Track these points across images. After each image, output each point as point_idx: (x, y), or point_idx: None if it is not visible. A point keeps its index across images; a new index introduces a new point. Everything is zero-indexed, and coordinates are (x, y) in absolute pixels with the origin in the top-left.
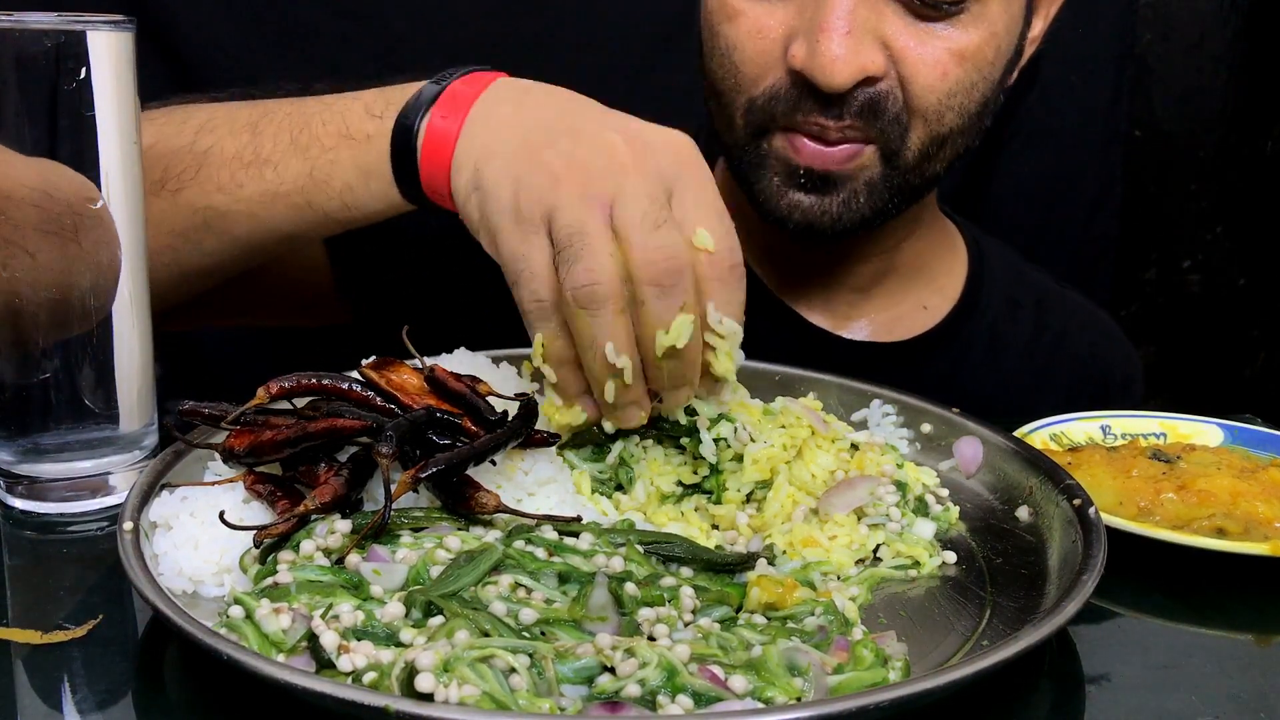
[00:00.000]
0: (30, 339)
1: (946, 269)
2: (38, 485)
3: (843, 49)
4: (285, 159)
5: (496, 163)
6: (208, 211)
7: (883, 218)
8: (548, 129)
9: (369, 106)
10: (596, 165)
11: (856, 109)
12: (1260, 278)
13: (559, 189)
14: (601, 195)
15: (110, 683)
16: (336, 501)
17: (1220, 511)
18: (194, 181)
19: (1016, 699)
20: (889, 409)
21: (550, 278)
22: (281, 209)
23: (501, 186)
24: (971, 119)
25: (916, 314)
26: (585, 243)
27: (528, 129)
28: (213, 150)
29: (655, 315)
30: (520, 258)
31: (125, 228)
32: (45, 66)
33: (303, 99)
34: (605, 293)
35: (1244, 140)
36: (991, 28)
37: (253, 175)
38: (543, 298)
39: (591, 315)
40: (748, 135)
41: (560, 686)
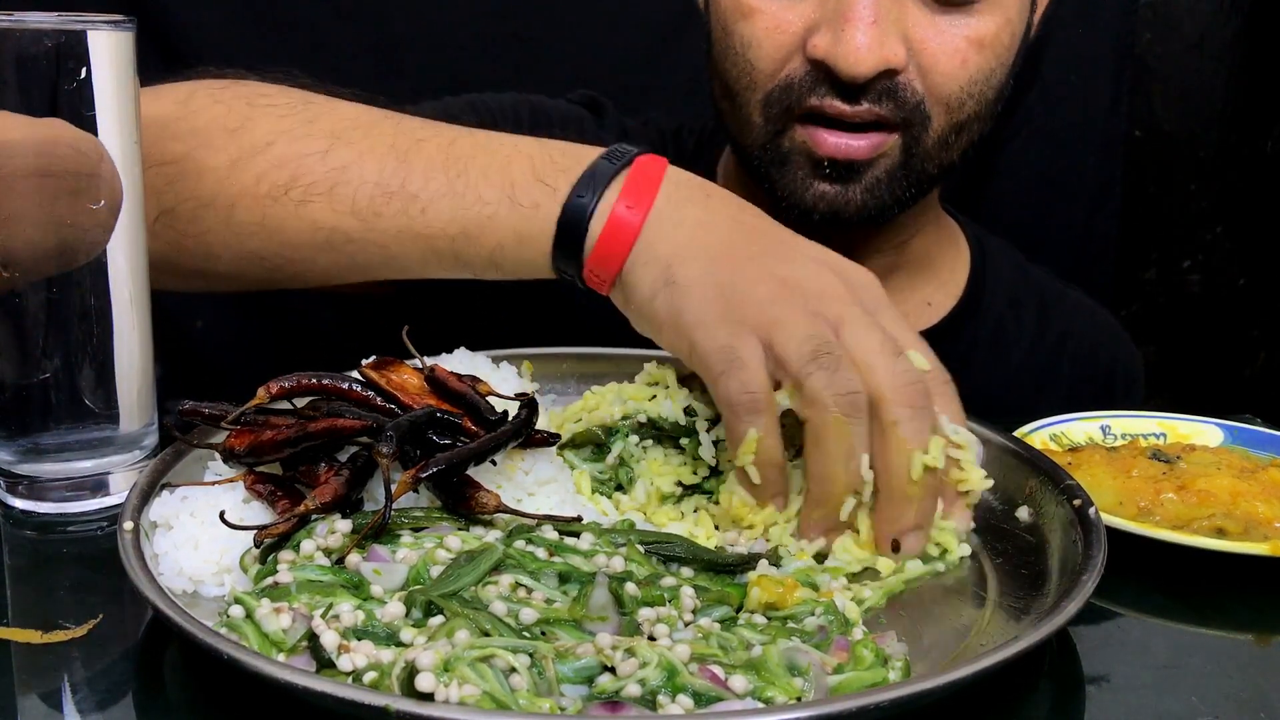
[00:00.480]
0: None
1: (950, 265)
2: (38, 485)
3: (868, 38)
4: (436, 201)
5: (696, 265)
6: (334, 233)
7: (901, 205)
8: (749, 241)
9: (536, 168)
10: (812, 289)
11: (874, 96)
12: (1260, 278)
13: (783, 304)
14: (830, 317)
15: (110, 683)
16: (337, 501)
17: (1220, 511)
18: (324, 197)
19: (1016, 699)
20: None
21: (764, 377)
22: (418, 249)
23: (705, 287)
24: (989, 105)
25: (920, 310)
26: (838, 356)
27: (727, 237)
28: (351, 169)
29: (912, 435)
30: (731, 350)
31: (125, 227)
32: (45, 66)
33: (452, 132)
34: (864, 403)
35: (1244, 140)
36: (1006, 14)
37: (396, 209)
38: (756, 390)
39: (854, 423)
40: (768, 132)
41: (560, 686)
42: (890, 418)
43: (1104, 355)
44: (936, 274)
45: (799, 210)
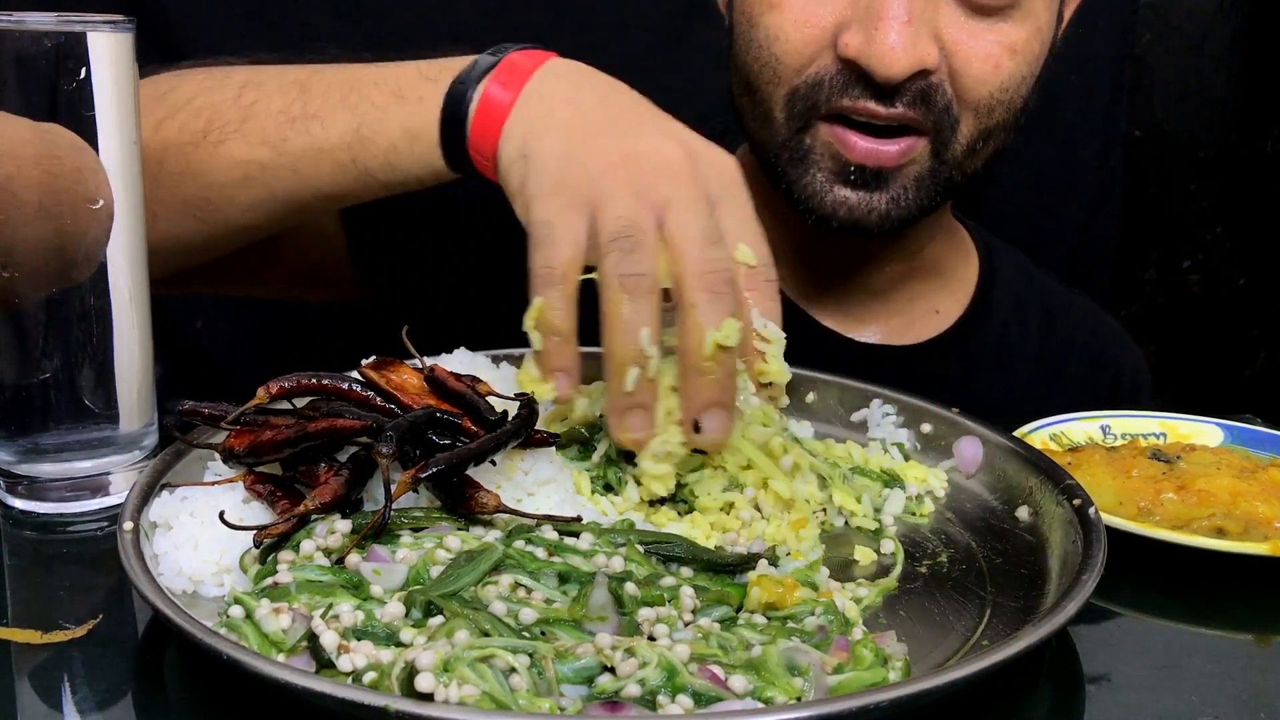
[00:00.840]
0: (24, 291)
1: (960, 272)
2: (38, 485)
3: (901, 39)
4: (333, 115)
5: (549, 137)
6: (249, 165)
7: (924, 214)
8: (606, 115)
9: (423, 71)
10: (653, 165)
11: (908, 99)
12: (1260, 278)
13: (613, 178)
14: (656, 198)
15: (110, 683)
16: (336, 501)
17: (1220, 511)
18: (237, 134)
19: (1016, 699)
20: (889, 409)
21: (570, 252)
22: (325, 165)
23: (549, 158)
24: (1015, 114)
25: (928, 318)
26: (642, 240)
27: (585, 111)
28: (259, 104)
29: (707, 316)
30: (549, 224)
31: (125, 227)
32: (45, 67)
33: (354, 65)
34: (651, 285)
35: (1244, 140)
36: (1037, 22)
37: (299, 130)
38: (554, 265)
39: (633, 300)
40: (790, 129)
41: (560, 686)
42: (689, 300)
43: (1109, 361)
44: (946, 281)
45: (817, 216)
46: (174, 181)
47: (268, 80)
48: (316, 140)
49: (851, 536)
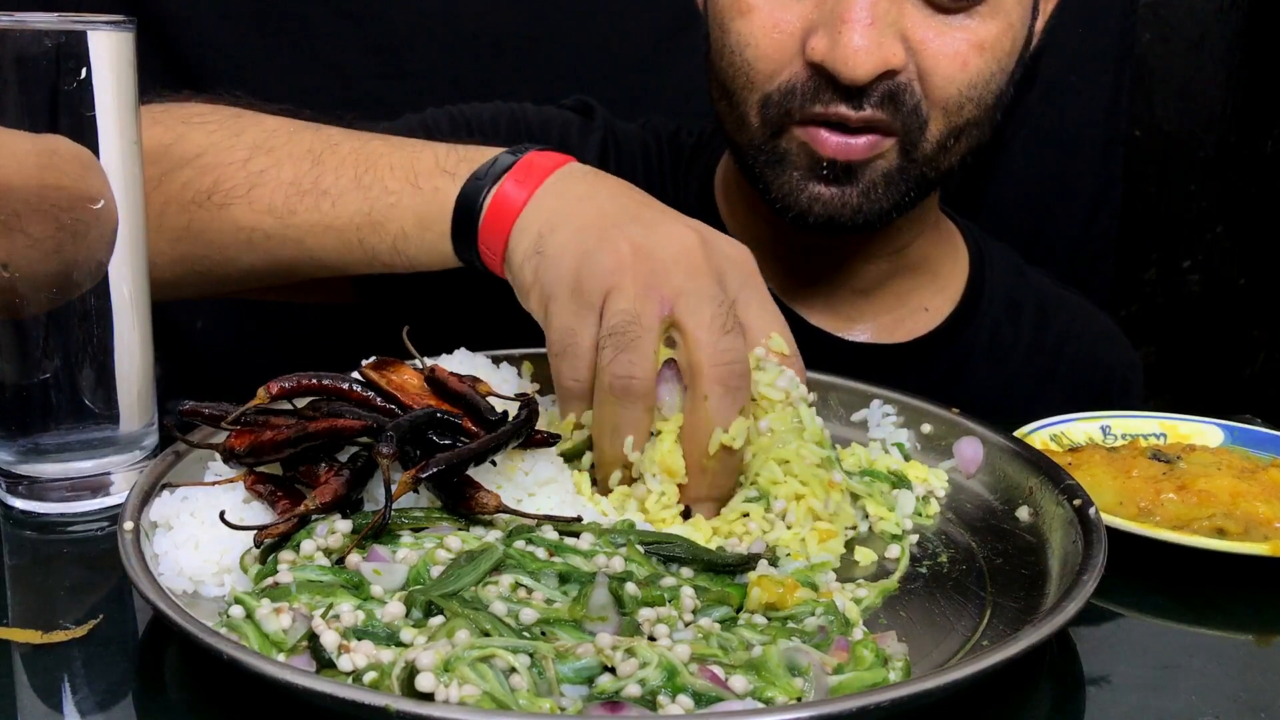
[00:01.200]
0: (27, 307)
1: (949, 270)
2: (38, 485)
3: (865, 41)
4: (345, 195)
5: (564, 233)
6: (254, 233)
7: (899, 210)
8: (621, 211)
9: (440, 160)
10: (666, 256)
11: (876, 99)
12: (1260, 278)
13: (623, 272)
14: (666, 289)
15: (110, 683)
16: (337, 501)
17: (1220, 512)
18: (243, 200)
19: (1016, 699)
20: (889, 409)
21: (592, 360)
22: (331, 242)
23: (565, 256)
24: (988, 111)
25: (918, 315)
26: (635, 335)
27: (600, 207)
28: (268, 172)
29: (717, 412)
30: (570, 332)
31: (125, 227)
32: (45, 66)
33: (367, 135)
34: (641, 389)
35: (1244, 140)
36: (1008, 18)
37: (308, 205)
38: (581, 379)
39: (622, 406)
40: (764, 133)
41: (560, 686)
42: (702, 391)
43: (1101, 359)
44: (935, 278)
45: (794, 213)
46: (173, 236)
47: (279, 146)
48: (325, 217)
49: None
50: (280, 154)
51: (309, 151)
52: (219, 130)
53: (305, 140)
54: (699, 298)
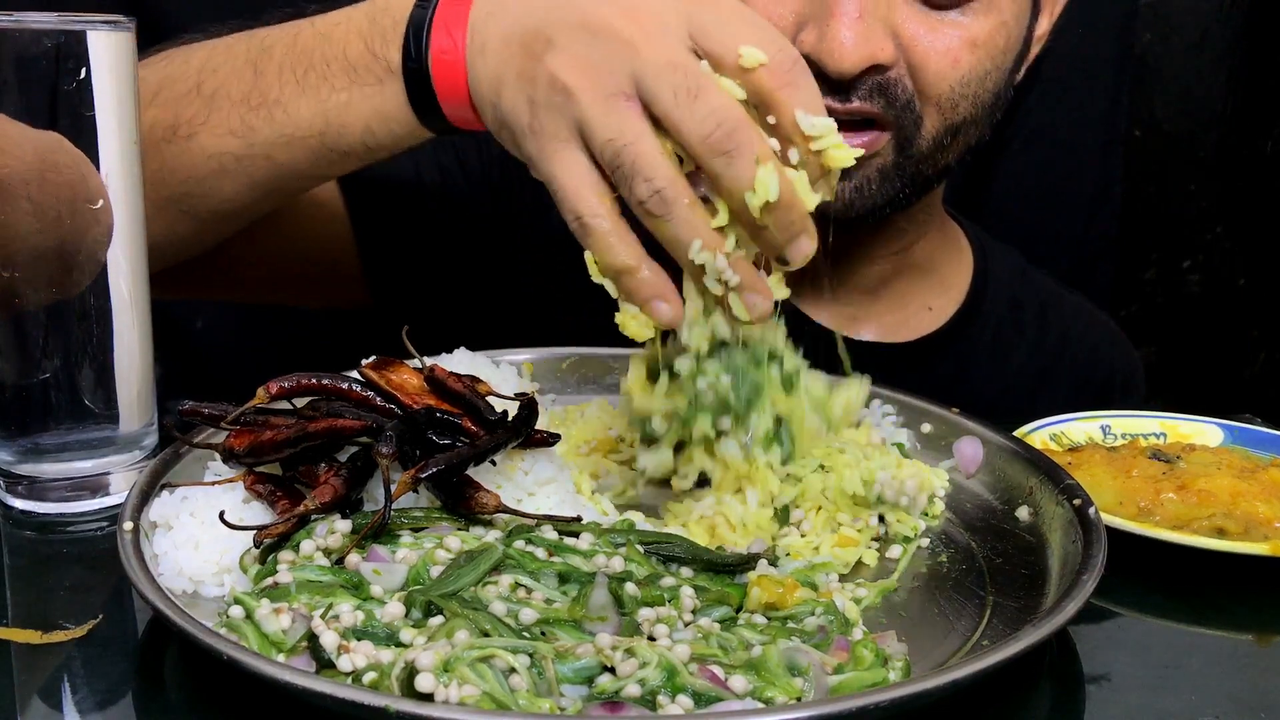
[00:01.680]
0: (26, 304)
1: (953, 270)
2: (38, 485)
3: (853, 34)
4: (294, 101)
5: (508, 90)
6: (223, 157)
7: (894, 206)
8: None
9: (370, 44)
10: (601, 54)
11: (864, 92)
12: (1260, 278)
13: (577, 100)
14: (622, 86)
15: (110, 683)
16: (336, 501)
17: (1220, 511)
18: (205, 127)
19: (1016, 699)
20: (889, 409)
21: (587, 193)
22: (299, 151)
23: (518, 113)
24: (985, 109)
25: (922, 315)
26: (632, 153)
27: (525, 35)
28: (219, 93)
29: (735, 180)
30: (552, 178)
31: (124, 226)
32: (45, 66)
33: (296, 28)
34: (672, 193)
35: (1244, 140)
36: (1001, 16)
37: (264, 118)
38: (580, 213)
39: (668, 220)
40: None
41: (560, 686)
42: (709, 171)
43: (1103, 360)
44: (939, 278)
45: None
46: (154, 179)
47: (221, 63)
48: (285, 129)
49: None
50: (224, 71)
51: (248, 62)
52: (169, 63)
53: (241, 51)
54: (651, 72)
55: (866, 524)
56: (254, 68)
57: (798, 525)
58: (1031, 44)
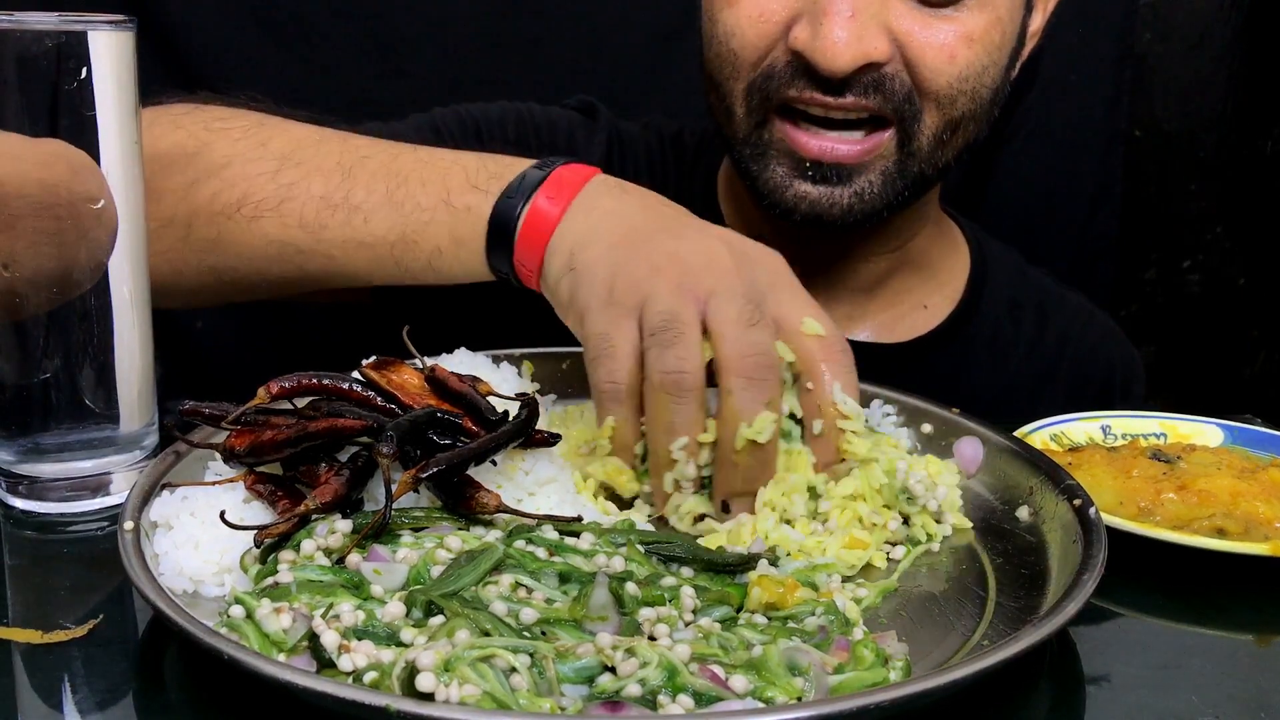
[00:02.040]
0: (27, 307)
1: (949, 268)
2: (38, 485)
3: (846, 33)
4: (378, 211)
5: (596, 248)
6: (284, 246)
7: (892, 209)
8: (651, 225)
9: (471, 176)
10: (696, 263)
11: (859, 90)
12: (1260, 278)
13: (657, 279)
14: (698, 290)
15: (110, 683)
16: (337, 501)
17: (1220, 511)
18: (274, 213)
19: (1016, 699)
20: (889, 409)
21: (630, 363)
22: (363, 257)
23: (598, 269)
24: (983, 105)
25: (918, 314)
26: (679, 331)
27: (631, 222)
28: (298, 185)
29: (741, 406)
30: (606, 338)
31: (125, 227)
32: (45, 66)
33: (396, 148)
34: (692, 382)
35: (1244, 140)
36: (996, 11)
37: (339, 220)
38: (619, 381)
39: (675, 402)
40: (749, 124)
41: (561, 686)
42: (726, 386)
43: (1102, 359)
44: (935, 276)
45: (780, 209)
46: (203, 247)
47: (307, 158)
48: (358, 234)
49: None
50: (309, 166)
51: (338, 165)
52: (244, 139)
53: (333, 152)
54: (727, 296)
55: (885, 525)
56: (344, 171)
57: (824, 520)
58: (1026, 40)
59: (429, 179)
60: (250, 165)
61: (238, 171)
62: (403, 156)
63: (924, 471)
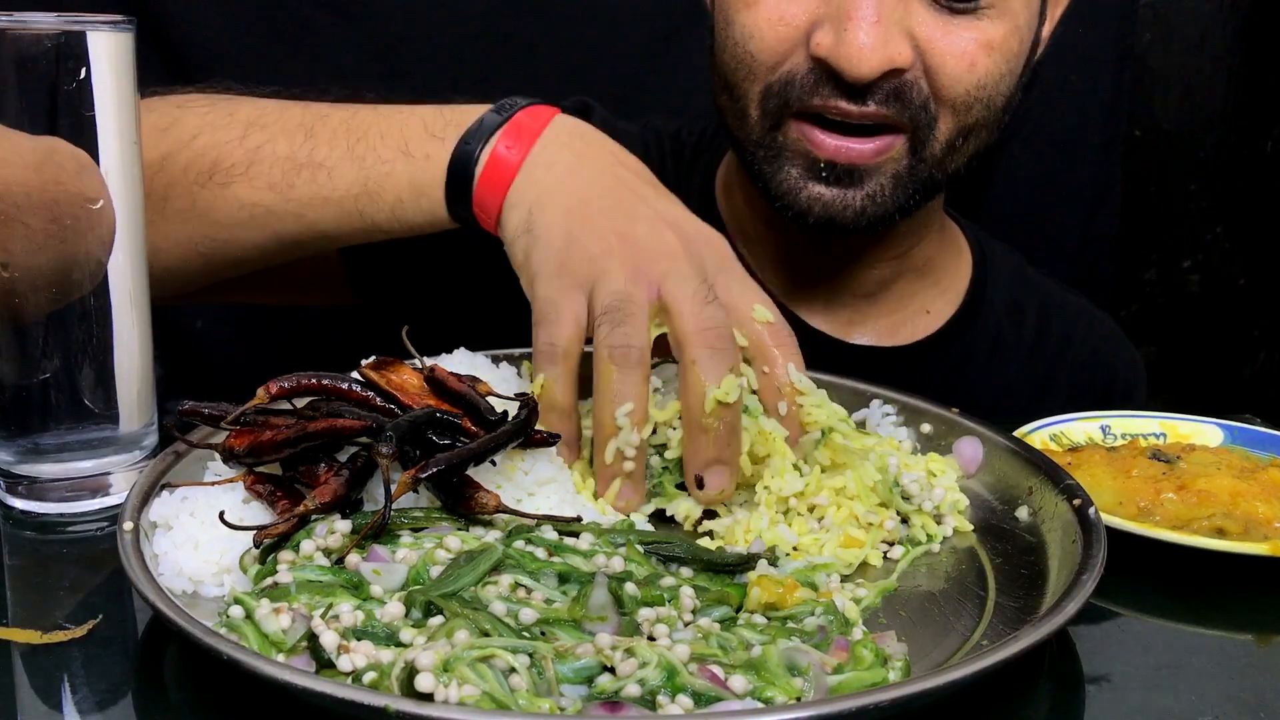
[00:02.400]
0: (27, 307)
1: (951, 272)
2: (38, 485)
3: (871, 38)
4: (340, 165)
5: (552, 213)
6: (255, 208)
7: (903, 213)
8: (606, 194)
9: (429, 125)
10: (648, 246)
11: (881, 97)
12: (1260, 278)
13: (610, 259)
14: (652, 275)
15: (110, 683)
16: (336, 501)
17: (1220, 511)
18: (243, 177)
19: (1016, 699)
20: (889, 409)
21: (571, 331)
22: (331, 213)
23: (553, 237)
24: (996, 113)
25: (919, 318)
26: (630, 311)
27: (587, 188)
28: (264, 148)
29: (706, 372)
30: (553, 303)
31: (125, 227)
32: (45, 67)
33: (355, 107)
34: (639, 356)
35: (1244, 140)
36: (1015, 20)
37: (305, 178)
38: (557, 343)
39: (621, 372)
40: (764, 127)
41: (560, 686)
42: (689, 358)
43: (1104, 362)
44: (937, 281)
45: (793, 212)
46: (179, 219)
47: (271, 122)
48: (323, 190)
49: None
50: (273, 129)
51: (301, 125)
52: (212, 111)
53: (296, 114)
54: (681, 278)
55: (881, 525)
56: (306, 131)
57: (820, 518)
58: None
59: (387, 131)
60: (219, 133)
61: (207, 140)
62: (361, 113)
63: (919, 471)
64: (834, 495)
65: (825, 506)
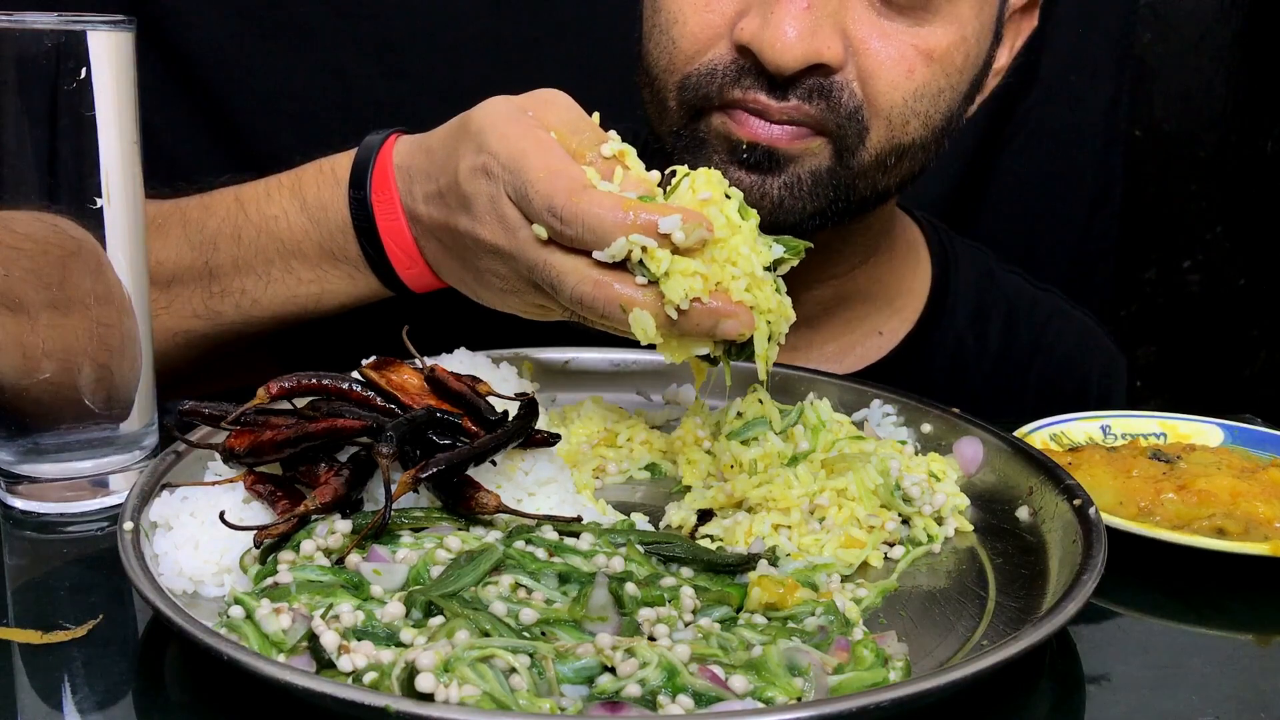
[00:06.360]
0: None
1: (906, 290)
2: (38, 485)
3: (796, 28)
4: (262, 293)
5: (449, 263)
6: (190, 335)
7: (825, 219)
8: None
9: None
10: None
11: (803, 92)
12: (1260, 278)
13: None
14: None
15: (110, 683)
16: (337, 501)
17: (1220, 511)
18: (167, 311)
19: (1016, 699)
20: (889, 409)
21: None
22: (269, 324)
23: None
24: (935, 133)
25: (870, 340)
26: (547, 272)
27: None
28: (175, 283)
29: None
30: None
31: (125, 227)
32: (45, 66)
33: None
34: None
35: (1244, 140)
36: (962, 31)
37: (230, 305)
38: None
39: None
40: (683, 118)
41: (560, 686)
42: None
43: (1076, 366)
44: (890, 301)
45: None
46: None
47: (169, 257)
48: (251, 313)
49: None
50: (171, 265)
51: (196, 253)
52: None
53: (180, 239)
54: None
55: (883, 527)
56: (205, 263)
57: (822, 519)
58: (989, 74)
59: (289, 253)
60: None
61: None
62: (244, 231)
63: (921, 474)
64: (835, 496)
65: (826, 508)
